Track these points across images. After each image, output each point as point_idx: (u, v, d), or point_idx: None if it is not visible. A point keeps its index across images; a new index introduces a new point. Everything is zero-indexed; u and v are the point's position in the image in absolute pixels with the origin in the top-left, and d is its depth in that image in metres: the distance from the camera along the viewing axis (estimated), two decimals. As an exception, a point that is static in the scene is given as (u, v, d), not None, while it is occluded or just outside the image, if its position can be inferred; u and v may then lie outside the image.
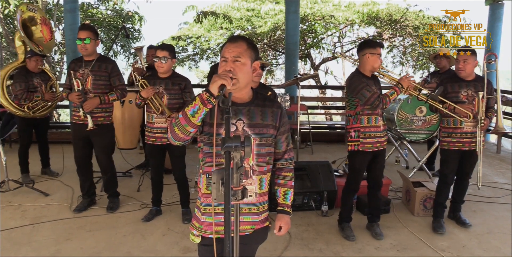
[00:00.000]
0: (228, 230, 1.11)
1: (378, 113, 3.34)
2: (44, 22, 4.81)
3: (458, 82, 3.54)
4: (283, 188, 1.94)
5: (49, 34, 4.87)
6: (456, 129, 3.56)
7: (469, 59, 3.46)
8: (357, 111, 3.35)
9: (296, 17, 7.52)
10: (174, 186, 4.03)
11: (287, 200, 1.94)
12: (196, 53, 12.79)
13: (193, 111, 1.62)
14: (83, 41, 3.71)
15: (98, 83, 3.84)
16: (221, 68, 1.72)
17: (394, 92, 3.24)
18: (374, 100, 3.22)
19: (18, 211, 4.04)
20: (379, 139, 3.38)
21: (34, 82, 4.75)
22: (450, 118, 3.57)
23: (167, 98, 3.67)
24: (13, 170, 4.79)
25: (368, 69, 3.33)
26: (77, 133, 3.95)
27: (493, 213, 4.16)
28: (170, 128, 1.70)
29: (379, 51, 3.27)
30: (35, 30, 4.79)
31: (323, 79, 13.72)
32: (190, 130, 1.66)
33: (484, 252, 3.35)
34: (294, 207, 4.04)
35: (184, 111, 1.65)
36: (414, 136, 5.22)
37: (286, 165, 1.95)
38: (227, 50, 1.74)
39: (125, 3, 12.05)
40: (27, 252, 3.25)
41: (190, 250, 3.27)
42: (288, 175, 1.95)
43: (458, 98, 3.54)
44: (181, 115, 1.65)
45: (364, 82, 3.28)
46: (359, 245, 3.44)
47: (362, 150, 3.37)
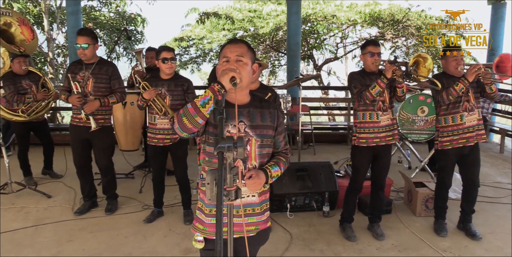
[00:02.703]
0: (220, 230, 1.11)
1: (375, 108, 3.34)
2: (22, 22, 4.76)
3: (451, 78, 3.48)
4: (272, 161, 1.86)
5: (30, 34, 4.82)
6: (458, 125, 3.45)
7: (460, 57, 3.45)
8: (355, 107, 3.45)
9: (298, 18, 7.53)
10: (175, 187, 4.04)
11: (272, 167, 1.81)
12: (199, 56, 12.83)
13: (203, 102, 1.60)
14: (82, 48, 3.72)
15: (99, 86, 3.85)
16: (223, 67, 1.72)
17: (375, 85, 3.22)
18: (358, 96, 3.31)
19: (21, 213, 4.06)
20: (377, 134, 3.37)
21: (23, 84, 4.69)
22: (448, 116, 3.47)
23: (169, 99, 3.68)
24: (16, 172, 4.82)
25: (366, 67, 3.44)
26: (77, 136, 3.96)
27: (495, 213, 4.14)
28: (178, 118, 1.65)
29: (369, 49, 3.35)
30: (15, 32, 4.75)
31: (326, 80, 13.72)
32: (199, 121, 1.63)
33: (486, 253, 3.33)
34: (296, 208, 4.05)
35: (194, 102, 1.62)
36: (416, 136, 5.21)
37: (282, 152, 1.96)
38: (229, 50, 1.74)
39: (127, 5, 12.12)
40: (29, 253, 3.27)
41: (191, 251, 3.28)
42: (282, 159, 1.90)
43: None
44: (190, 106, 1.63)
45: (356, 79, 3.38)
46: (360, 246, 3.43)
47: (358, 144, 3.41)
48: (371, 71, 3.39)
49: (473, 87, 3.45)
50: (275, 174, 1.82)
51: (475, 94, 3.47)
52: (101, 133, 3.89)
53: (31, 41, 4.86)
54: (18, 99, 4.61)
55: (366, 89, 3.27)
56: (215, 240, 1.13)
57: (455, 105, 3.44)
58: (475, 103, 3.45)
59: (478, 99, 3.51)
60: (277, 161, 1.88)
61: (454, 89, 3.31)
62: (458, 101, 3.42)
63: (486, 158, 6.09)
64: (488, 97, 3.53)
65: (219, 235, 1.12)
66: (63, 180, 5.07)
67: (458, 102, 3.43)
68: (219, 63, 1.79)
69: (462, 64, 3.42)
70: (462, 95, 3.40)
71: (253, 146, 1.78)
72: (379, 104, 3.35)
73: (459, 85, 3.29)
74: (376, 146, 3.40)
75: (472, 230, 3.61)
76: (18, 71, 4.69)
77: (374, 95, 3.24)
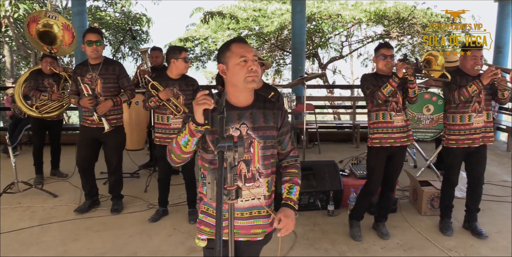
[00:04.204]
0: (220, 230, 1.11)
1: (387, 109, 3.33)
2: (66, 28, 5.02)
3: (465, 76, 3.46)
4: (288, 183, 1.88)
5: (70, 38, 5.07)
6: (465, 125, 3.43)
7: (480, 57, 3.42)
8: (369, 109, 3.44)
9: (303, 16, 7.51)
10: (180, 187, 4.06)
11: (291, 194, 1.85)
12: (204, 54, 12.85)
13: (184, 142, 1.63)
14: (95, 44, 3.75)
15: (108, 86, 3.87)
16: (245, 68, 1.69)
17: (387, 84, 3.22)
18: (370, 97, 3.30)
19: (27, 212, 4.09)
20: (391, 134, 3.34)
21: (44, 82, 4.84)
22: (456, 115, 3.44)
23: (183, 99, 3.69)
24: (22, 172, 4.86)
25: (379, 69, 3.43)
26: (86, 136, 3.99)
27: (502, 212, 4.11)
28: (168, 154, 1.72)
29: (382, 52, 3.34)
30: (58, 34, 4.99)
31: (331, 79, 13.69)
32: (185, 156, 1.70)
33: (492, 252, 3.31)
34: (300, 207, 4.04)
35: (177, 141, 1.65)
36: (422, 135, 5.18)
37: (292, 162, 1.93)
38: (245, 50, 1.71)
39: (133, 5, 12.17)
40: (34, 252, 3.29)
41: (195, 250, 3.29)
42: (294, 172, 1.91)
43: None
44: (175, 144, 1.67)
45: (368, 80, 3.37)
46: (365, 245, 3.42)
47: (372, 145, 3.40)
48: (384, 74, 3.37)
49: (486, 89, 3.42)
50: (296, 197, 1.85)
51: (487, 97, 3.45)
52: (114, 133, 3.92)
53: (68, 45, 5.10)
54: (34, 94, 4.78)
55: (378, 89, 3.26)
56: (215, 239, 1.13)
57: (465, 105, 3.41)
58: (484, 106, 3.43)
59: (490, 102, 3.49)
60: (291, 178, 1.88)
61: (467, 90, 3.28)
62: (469, 101, 3.40)
63: (492, 156, 6.04)
64: (497, 102, 3.53)
65: (218, 235, 1.12)
66: (69, 179, 5.09)
67: (469, 103, 3.40)
68: (233, 62, 1.71)
69: (480, 64, 3.39)
70: (474, 96, 3.38)
71: (256, 147, 1.76)
72: (393, 105, 3.33)
73: (472, 87, 3.27)
74: (391, 147, 3.38)
75: (478, 229, 3.58)
76: (44, 70, 4.85)
77: (386, 95, 3.23)
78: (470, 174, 3.62)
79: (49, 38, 4.93)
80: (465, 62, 3.43)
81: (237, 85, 1.73)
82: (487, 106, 3.45)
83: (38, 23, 4.85)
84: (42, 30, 4.89)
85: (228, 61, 1.72)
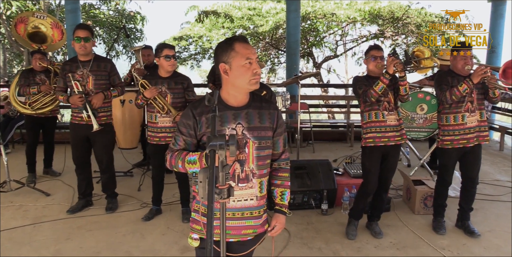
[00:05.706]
0: (211, 229, 1.10)
1: (380, 108, 3.34)
2: (55, 26, 5.08)
3: (457, 77, 3.48)
4: (280, 188, 1.93)
5: (59, 35, 5.13)
6: (459, 125, 3.44)
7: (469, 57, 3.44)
8: (362, 109, 3.45)
9: (297, 15, 7.51)
10: (174, 185, 4.04)
11: (284, 201, 1.94)
12: (198, 53, 12.82)
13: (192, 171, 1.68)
14: (83, 40, 3.70)
15: (99, 83, 3.83)
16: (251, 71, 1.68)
17: (378, 82, 3.23)
18: (363, 96, 3.31)
19: (20, 211, 4.06)
20: (385, 133, 3.35)
21: (36, 79, 4.81)
22: (450, 115, 3.46)
23: (170, 97, 3.65)
24: (14, 170, 4.82)
25: (369, 71, 3.45)
26: (78, 133, 3.95)
27: (495, 211, 4.13)
28: (168, 164, 1.77)
29: (372, 53, 3.38)
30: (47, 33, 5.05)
31: (326, 78, 13.70)
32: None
33: (484, 251, 3.32)
34: (294, 206, 4.04)
35: (185, 167, 1.69)
36: (415, 134, 5.20)
37: (283, 165, 1.93)
38: (250, 52, 1.69)
39: (127, 3, 12.10)
40: (27, 251, 3.26)
41: (189, 249, 3.27)
42: (285, 176, 1.94)
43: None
44: (180, 166, 1.71)
45: (360, 81, 3.40)
46: (358, 244, 3.43)
47: (365, 145, 3.41)
48: (375, 76, 3.38)
49: (478, 89, 3.43)
50: (288, 201, 1.95)
51: (479, 96, 3.46)
52: (103, 131, 3.87)
53: (57, 41, 5.20)
54: (24, 90, 4.74)
55: (370, 87, 3.27)
56: (206, 239, 1.12)
57: (457, 105, 3.42)
58: (477, 105, 3.44)
59: (482, 101, 3.49)
60: (282, 183, 1.94)
61: (458, 89, 3.30)
62: (461, 101, 3.40)
63: (486, 155, 6.07)
64: (489, 101, 3.54)
65: (209, 234, 1.11)
66: (62, 178, 5.06)
67: (462, 102, 3.41)
68: (238, 63, 1.68)
69: (470, 64, 3.40)
70: (466, 96, 3.39)
71: (251, 148, 1.74)
72: (385, 105, 3.34)
73: (463, 86, 3.28)
74: (385, 146, 3.39)
75: (471, 228, 3.60)
76: (35, 67, 4.83)
77: (378, 92, 3.23)
78: (465, 174, 3.63)
79: (39, 38, 5.00)
80: (456, 63, 3.44)
81: (238, 86, 1.71)
82: (480, 106, 3.46)
83: (26, 24, 4.92)
84: (32, 31, 4.97)
85: (232, 61, 1.68)
